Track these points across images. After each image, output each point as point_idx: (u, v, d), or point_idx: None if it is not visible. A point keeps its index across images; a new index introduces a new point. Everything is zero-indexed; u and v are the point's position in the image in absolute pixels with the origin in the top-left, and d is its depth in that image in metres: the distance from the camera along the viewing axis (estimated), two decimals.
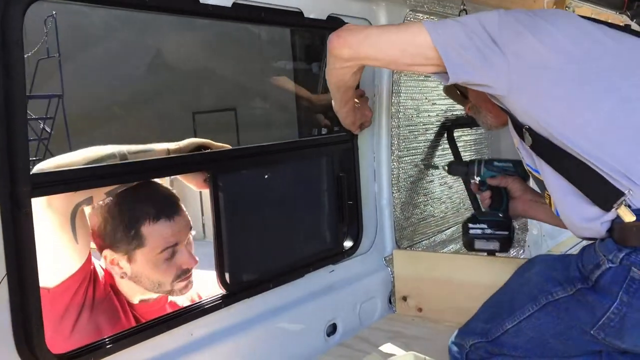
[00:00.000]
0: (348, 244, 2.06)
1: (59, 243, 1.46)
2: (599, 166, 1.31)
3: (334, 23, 1.90)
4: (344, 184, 1.98)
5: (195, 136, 1.85)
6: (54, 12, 8.88)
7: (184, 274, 1.66)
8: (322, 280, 1.96)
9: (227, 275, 1.58)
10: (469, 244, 1.90)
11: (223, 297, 1.58)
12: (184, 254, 1.65)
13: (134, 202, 1.61)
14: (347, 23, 1.93)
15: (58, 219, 1.43)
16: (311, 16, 1.80)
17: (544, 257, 1.52)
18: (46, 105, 9.34)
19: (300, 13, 1.76)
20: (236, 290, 1.61)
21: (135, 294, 1.68)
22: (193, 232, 1.72)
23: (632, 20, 3.54)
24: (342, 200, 1.98)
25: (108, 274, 1.67)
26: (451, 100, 2.61)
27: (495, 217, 1.83)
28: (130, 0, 1.36)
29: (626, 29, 1.53)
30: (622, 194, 1.29)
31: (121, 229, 1.60)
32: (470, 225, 1.83)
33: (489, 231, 1.81)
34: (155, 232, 1.60)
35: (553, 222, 1.87)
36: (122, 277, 1.64)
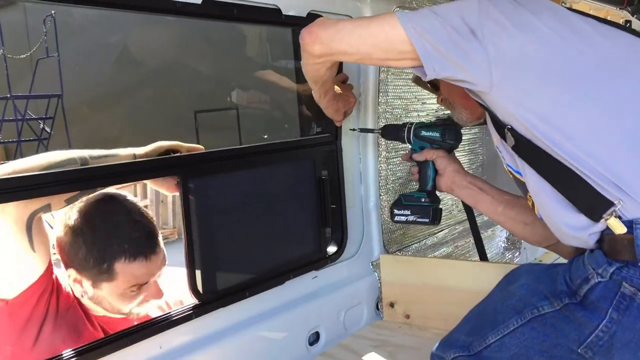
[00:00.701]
0: (332, 249, 1.99)
1: (15, 252, 1.39)
2: (586, 173, 1.22)
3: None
4: (327, 187, 1.91)
5: (198, 135, 1.79)
6: (52, 12, 8.86)
7: (145, 302, 1.59)
8: (304, 287, 1.89)
9: (199, 284, 1.52)
10: (395, 223, 1.97)
11: (195, 306, 1.51)
12: (151, 287, 1.58)
13: (113, 235, 1.53)
14: None
15: (12, 228, 1.36)
16: (290, 13, 1.73)
17: (530, 268, 1.44)
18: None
19: (278, 10, 1.69)
20: (209, 300, 1.55)
21: (95, 311, 1.60)
22: None
23: (633, 16, 3.44)
24: (324, 203, 1.91)
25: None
26: None
27: (418, 202, 1.80)
28: None
29: (619, 25, 1.44)
30: (611, 204, 1.20)
31: (94, 260, 1.51)
32: (396, 211, 1.83)
33: (412, 218, 1.81)
34: (129, 270, 1.53)
35: (473, 204, 1.79)
36: (81, 296, 1.57)
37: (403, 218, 1.82)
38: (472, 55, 1.26)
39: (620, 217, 1.20)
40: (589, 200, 1.23)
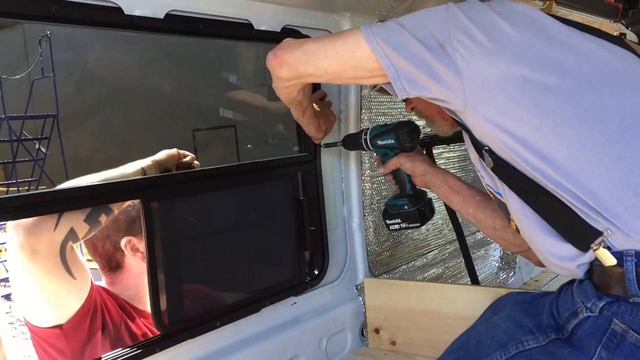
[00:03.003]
0: (312, 273, 1.90)
1: (57, 284, 1.44)
2: (570, 200, 1.12)
3: (290, 36, 1.75)
4: (305, 208, 1.82)
5: (196, 154, 1.76)
6: (48, 32, 8.86)
7: None
8: (282, 314, 1.80)
9: (163, 315, 1.42)
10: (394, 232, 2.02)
11: (159, 339, 1.42)
12: None
13: None
14: (304, 35, 1.80)
15: (48, 263, 1.39)
16: (262, 28, 1.65)
17: (515, 298, 1.35)
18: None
19: (249, 25, 1.62)
20: (175, 331, 1.45)
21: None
22: None
23: (627, 28, 3.37)
24: (303, 226, 1.82)
25: (114, 299, 1.69)
26: None
27: (402, 210, 1.75)
28: (43, 14, 1.22)
29: (606, 35, 1.33)
30: (599, 233, 1.11)
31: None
32: (388, 221, 1.79)
33: (404, 225, 1.78)
34: None
35: (447, 203, 1.69)
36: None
37: (397, 226, 1.77)
38: (443, 73, 1.16)
39: (609, 248, 1.10)
40: (575, 229, 1.13)
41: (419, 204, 1.74)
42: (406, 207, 1.74)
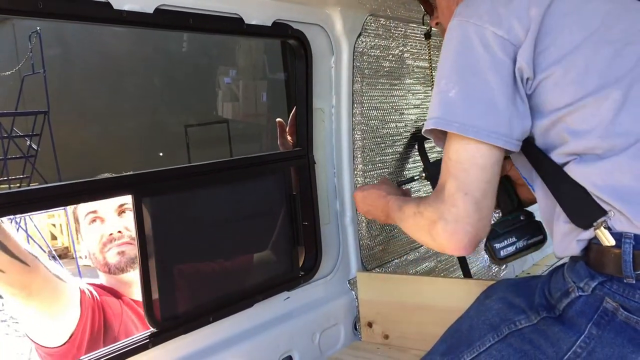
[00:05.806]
0: (305, 268, 1.90)
1: (54, 293, 1.54)
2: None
3: (281, 30, 1.75)
4: (297, 203, 1.82)
5: (189, 151, 1.76)
6: (38, 29, 8.79)
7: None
8: (276, 309, 1.80)
9: (156, 311, 1.42)
10: (503, 262, 1.62)
11: (151, 335, 1.41)
12: None
13: None
14: (295, 29, 1.79)
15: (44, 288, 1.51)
16: (253, 22, 1.65)
17: (508, 282, 1.36)
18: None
19: (240, 19, 1.61)
20: (168, 327, 1.45)
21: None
22: None
23: None
24: (295, 220, 1.82)
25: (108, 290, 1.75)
26: (421, 110, 2.47)
27: (518, 223, 1.45)
28: (29, 9, 1.21)
29: None
30: (603, 212, 1.12)
31: None
32: (497, 245, 1.42)
33: (522, 244, 1.43)
34: None
35: None
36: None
37: (511, 249, 1.43)
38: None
39: (609, 229, 1.12)
40: (581, 205, 1.14)
41: (532, 216, 1.48)
42: (522, 217, 1.47)
